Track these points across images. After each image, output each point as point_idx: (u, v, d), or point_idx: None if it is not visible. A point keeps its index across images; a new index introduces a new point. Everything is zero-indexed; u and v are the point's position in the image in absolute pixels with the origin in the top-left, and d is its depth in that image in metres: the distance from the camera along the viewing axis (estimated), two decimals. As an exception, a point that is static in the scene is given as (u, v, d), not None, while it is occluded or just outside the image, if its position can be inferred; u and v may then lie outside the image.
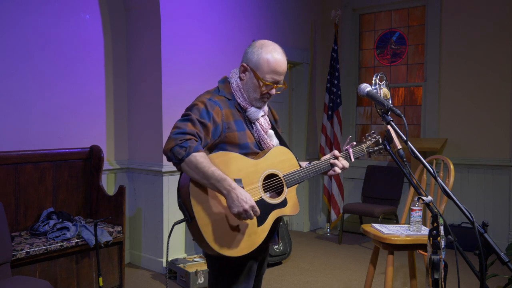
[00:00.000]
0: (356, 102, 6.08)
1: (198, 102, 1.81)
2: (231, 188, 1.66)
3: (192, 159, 1.65)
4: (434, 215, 1.48)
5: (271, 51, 1.83)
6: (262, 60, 1.82)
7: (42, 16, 3.82)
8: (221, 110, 1.81)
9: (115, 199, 3.77)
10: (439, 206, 3.03)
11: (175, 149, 1.66)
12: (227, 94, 1.88)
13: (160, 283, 3.97)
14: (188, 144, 1.66)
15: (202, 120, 1.74)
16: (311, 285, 3.95)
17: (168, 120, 4.20)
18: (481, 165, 5.02)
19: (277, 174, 1.87)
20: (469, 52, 5.09)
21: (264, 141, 1.90)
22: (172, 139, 1.68)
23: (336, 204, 5.58)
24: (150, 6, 4.20)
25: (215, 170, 1.65)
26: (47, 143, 3.85)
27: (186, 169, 1.67)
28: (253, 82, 1.85)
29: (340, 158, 2.02)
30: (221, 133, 1.79)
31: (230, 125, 1.81)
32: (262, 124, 1.91)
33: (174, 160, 1.68)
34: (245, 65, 1.86)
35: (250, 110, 1.88)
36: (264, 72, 1.83)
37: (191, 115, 1.75)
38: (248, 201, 1.67)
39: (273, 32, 5.33)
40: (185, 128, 1.71)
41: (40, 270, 3.17)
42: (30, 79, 3.76)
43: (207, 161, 1.66)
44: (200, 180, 1.66)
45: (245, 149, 1.83)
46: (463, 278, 1.71)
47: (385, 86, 2.03)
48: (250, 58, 1.85)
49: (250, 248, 1.75)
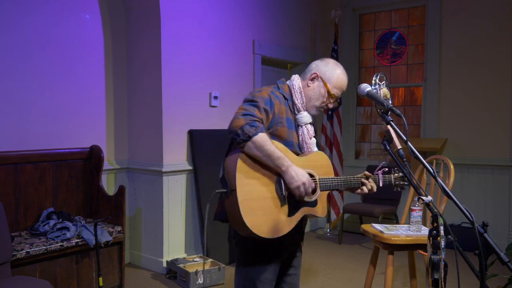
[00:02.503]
0: (356, 102, 6.08)
1: (263, 92, 1.94)
2: (289, 165, 1.83)
3: (259, 138, 1.78)
4: (434, 215, 1.48)
5: (342, 70, 2.08)
6: (335, 76, 2.05)
7: (42, 16, 3.82)
8: (280, 104, 1.96)
9: (115, 199, 3.77)
10: (439, 206, 3.03)
11: (246, 127, 1.78)
12: (285, 93, 2.04)
13: (160, 283, 3.97)
14: (257, 124, 1.80)
15: (266, 107, 1.89)
16: (311, 285, 3.95)
17: (168, 120, 4.20)
18: (481, 165, 5.02)
19: (314, 175, 1.97)
20: (469, 52, 5.09)
21: (308, 145, 2.05)
22: (241, 119, 1.80)
23: (336, 204, 5.58)
24: (150, 6, 4.20)
25: (276, 149, 1.83)
26: (47, 143, 3.85)
27: (251, 147, 1.79)
28: (320, 91, 2.05)
29: (371, 179, 2.17)
30: (274, 125, 1.94)
31: (282, 120, 1.96)
32: (309, 129, 2.06)
33: (243, 137, 1.78)
34: (318, 74, 2.05)
35: (302, 114, 2.04)
36: (333, 86, 2.04)
37: (258, 102, 1.88)
38: (305, 175, 1.85)
39: (273, 32, 5.33)
40: (254, 112, 1.84)
41: (40, 270, 3.17)
42: (30, 79, 3.76)
43: (270, 141, 1.82)
44: (262, 157, 1.81)
45: (289, 146, 1.96)
46: (463, 278, 1.71)
47: (385, 86, 2.03)
48: (324, 70, 2.06)
49: (276, 234, 1.85)
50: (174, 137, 4.27)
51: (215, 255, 4.25)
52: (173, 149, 4.25)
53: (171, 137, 4.25)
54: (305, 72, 2.11)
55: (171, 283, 3.97)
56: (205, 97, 4.49)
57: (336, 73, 2.05)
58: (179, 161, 4.31)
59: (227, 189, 1.82)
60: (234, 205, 1.78)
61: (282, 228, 1.87)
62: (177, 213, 4.30)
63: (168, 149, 4.22)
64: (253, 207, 1.80)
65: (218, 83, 4.61)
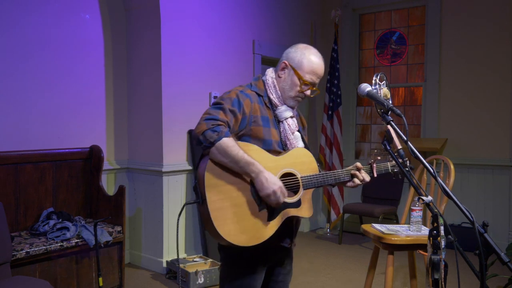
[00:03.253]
0: (356, 102, 6.08)
1: (231, 93, 1.84)
2: (259, 171, 1.71)
3: (222, 143, 1.68)
4: (434, 215, 1.48)
5: (313, 52, 1.92)
6: (305, 60, 1.89)
7: (42, 16, 3.82)
8: (251, 103, 1.84)
9: (115, 199, 3.77)
10: (439, 206, 3.03)
11: (207, 133, 1.69)
12: (258, 90, 1.92)
13: (160, 283, 3.97)
14: (220, 129, 1.71)
15: (233, 108, 1.78)
16: (311, 285, 3.95)
17: (168, 120, 4.20)
18: (481, 165, 5.02)
19: (295, 174, 1.86)
20: (469, 52, 5.09)
21: (290, 141, 1.92)
22: (204, 124, 1.72)
23: (336, 204, 5.58)
24: (150, 6, 4.20)
25: (244, 153, 1.70)
26: (47, 143, 3.85)
27: (215, 153, 1.70)
28: (292, 80, 1.90)
29: (362, 171, 2.00)
30: (246, 125, 1.82)
31: (256, 119, 1.84)
32: (290, 124, 1.93)
33: (205, 144, 1.70)
34: (286, 63, 1.91)
35: (281, 108, 1.91)
36: (305, 72, 1.89)
37: (223, 104, 1.79)
38: (277, 183, 1.72)
39: (273, 32, 5.33)
40: (217, 115, 1.74)
41: (40, 270, 3.17)
42: (30, 79, 3.76)
43: (236, 145, 1.71)
44: (229, 164, 1.70)
45: (268, 145, 1.84)
46: (463, 278, 1.71)
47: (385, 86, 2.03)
48: (292, 57, 1.91)
49: (257, 240, 1.74)
50: (174, 137, 4.27)
51: (215, 255, 4.25)
52: (173, 149, 4.25)
53: (171, 137, 4.25)
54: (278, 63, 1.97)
55: (171, 283, 3.97)
56: (205, 97, 4.49)
57: (306, 57, 1.89)
58: (179, 161, 4.31)
59: (198, 199, 1.72)
60: (207, 215, 1.69)
61: (262, 234, 1.75)
62: (177, 213, 4.30)
63: (168, 149, 4.21)
64: (227, 216, 1.70)
65: (218, 83, 4.61)
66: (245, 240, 1.72)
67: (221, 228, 1.68)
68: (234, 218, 1.71)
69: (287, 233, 1.90)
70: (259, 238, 1.75)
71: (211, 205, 1.68)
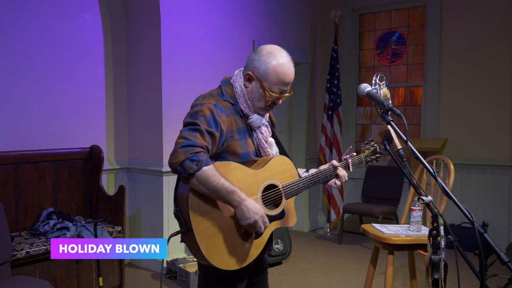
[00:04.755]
0: (356, 102, 6.08)
1: (204, 108, 1.70)
2: (241, 200, 1.65)
3: (203, 174, 1.59)
4: (434, 215, 1.48)
5: (278, 60, 1.75)
6: (270, 70, 1.74)
7: (42, 16, 3.82)
8: (227, 117, 1.74)
9: (115, 199, 3.77)
10: (439, 206, 3.03)
11: (186, 163, 1.58)
12: (230, 98, 1.80)
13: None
14: (199, 158, 1.60)
15: (210, 129, 1.66)
16: (311, 285, 3.95)
17: (168, 120, 4.20)
18: (481, 165, 5.01)
19: (276, 185, 1.83)
20: (469, 52, 5.09)
21: (264, 149, 1.86)
22: (181, 152, 1.60)
23: (336, 204, 5.58)
24: (150, 6, 4.20)
25: (224, 182, 1.63)
26: (47, 143, 3.85)
27: (195, 183, 1.61)
28: (259, 92, 1.77)
29: (339, 168, 1.99)
30: (224, 142, 1.74)
31: (233, 133, 1.76)
32: (263, 132, 1.86)
33: (184, 174, 1.60)
34: (251, 74, 1.77)
35: (253, 118, 1.81)
36: (272, 83, 1.75)
37: (199, 125, 1.65)
38: (259, 212, 1.67)
39: (273, 32, 5.33)
40: (195, 140, 1.63)
41: (40, 270, 3.17)
42: (30, 79, 3.76)
43: (217, 174, 1.62)
44: (210, 194, 1.64)
45: (245, 158, 1.79)
46: (463, 278, 1.71)
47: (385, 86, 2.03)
48: (256, 66, 1.76)
49: (247, 261, 1.74)
50: (174, 137, 4.22)
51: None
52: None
53: (171, 137, 4.24)
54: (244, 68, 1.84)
55: (171, 283, 3.97)
56: (205, 97, 4.48)
57: (272, 66, 1.73)
58: (179, 161, 4.30)
59: (184, 229, 1.66)
60: (195, 246, 1.65)
61: (252, 253, 1.75)
62: (177, 213, 4.29)
63: (168, 149, 4.20)
64: (216, 244, 1.66)
65: (218, 83, 4.59)
66: (238, 264, 1.71)
67: (212, 257, 1.65)
68: (223, 245, 1.68)
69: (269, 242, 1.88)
70: (250, 258, 1.75)
71: (198, 235, 1.63)
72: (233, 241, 1.70)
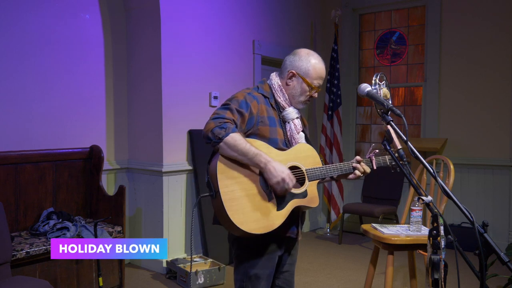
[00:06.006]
0: (356, 102, 6.08)
1: (239, 95, 1.97)
2: (267, 161, 1.83)
3: (230, 138, 1.80)
4: (434, 215, 1.48)
5: (316, 59, 2.07)
6: (311, 67, 2.04)
7: (42, 16, 3.82)
8: (258, 104, 1.98)
9: (115, 199, 3.77)
10: (439, 206, 3.03)
11: (215, 130, 1.81)
12: (265, 92, 2.05)
13: (160, 283, 3.97)
14: (227, 125, 1.83)
15: (240, 109, 1.90)
16: (311, 285, 3.95)
17: (168, 120, 4.20)
18: (481, 165, 5.02)
19: (300, 167, 1.98)
20: (469, 52, 5.09)
21: (296, 140, 2.06)
22: (211, 122, 1.84)
23: (336, 204, 5.58)
24: (150, 6, 4.20)
25: (251, 146, 1.83)
26: (47, 143, 3.85)
27: (224, 148, 1.82)
28: (302, 87, 2.05)
29: (362, 163, 2.12)
30: (254, 125, 1.95)
31: (263, 119, 1.97)
32: (296, 124, 2.08)
33: (214, 140, 1.82)
34: (294, 72, 2.05)
35: (288, 110, 2.06)
36: (313, 78, 2.05)
37: (230, 104, 1.91)
38: (285, 171, 1.84)
39: (273, 32, 5.33)
40: (224, 114, 1.87)
41: (40, 270, 3.16)
42: (30, 79, 3.76)
43: (243, 139, 1.83)
44: (238, 157, 1.82)
45: (273, 144, 1.96)
46: (463, 278, 1.71)
47: (385, 86, 2.03)
48: (298, 65, 2.05)
49: (267, 229, 1.85)
50: (174, 137, 4.27)
51: (215, 255, 4.25)
52: (173, 149, 4.25)
53: (171, 137, 4.25)
54: (281, 69, 2.11)
55: (171, 283, 3.97)
56: (205, 97, 4.49)
57: (312, 64, 2.05)
58: (179, 161, 4.31)
59: (212, 193, 1.83)
60: (220, 206, 1.80)
61: (272, 223, 1.86)
62: (177, 213, 4.30)
63: (168, 149, 4.22)
64: (239, 206, 1.81)
65: (218, 83, 4.61)
66: (257, 229, 1.83)
67: (234, 217, 1.79)
68: (246, 208, 1.83)
69: (294, 224, 2.02)
70: (270, 227, 1.85)
71: (224, 196, 1.80)
72: (256, 207, 1.85)
